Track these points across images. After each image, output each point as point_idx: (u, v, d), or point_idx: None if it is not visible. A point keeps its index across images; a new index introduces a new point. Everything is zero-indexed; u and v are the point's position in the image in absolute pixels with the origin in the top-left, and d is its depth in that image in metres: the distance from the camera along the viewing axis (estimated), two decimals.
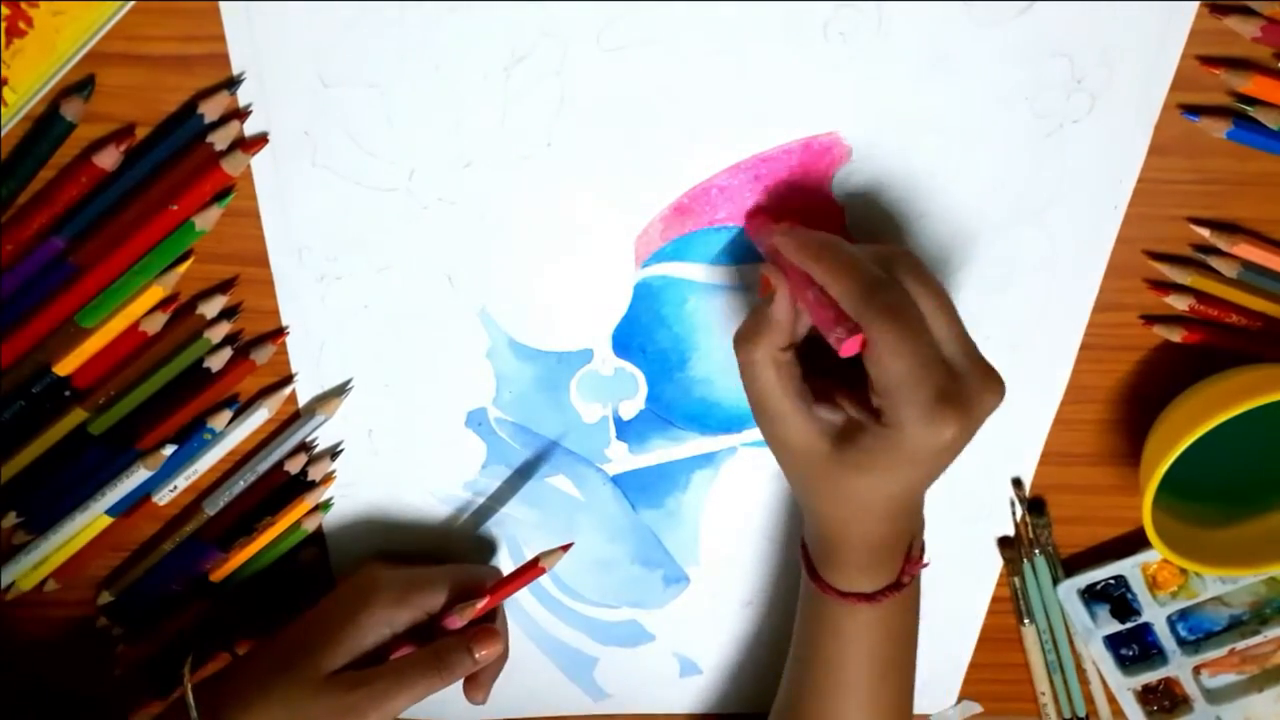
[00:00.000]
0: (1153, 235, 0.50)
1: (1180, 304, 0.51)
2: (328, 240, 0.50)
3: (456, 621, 0.54)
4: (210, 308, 0.50)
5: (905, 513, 0.47)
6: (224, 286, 0.50)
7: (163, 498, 0.55)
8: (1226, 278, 0.50)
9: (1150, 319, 0.52)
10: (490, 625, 0.55)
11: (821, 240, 0.44)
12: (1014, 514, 0.59)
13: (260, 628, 0.60)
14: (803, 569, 0.51)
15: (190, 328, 0.50)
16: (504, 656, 0.56)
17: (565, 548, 0.54)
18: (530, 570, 0.54)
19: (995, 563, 0.61)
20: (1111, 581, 0.61)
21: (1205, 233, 0.50)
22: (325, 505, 0.57)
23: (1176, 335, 0.52)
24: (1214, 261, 0.50)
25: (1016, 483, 0.58)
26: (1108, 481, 0.58)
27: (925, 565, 0.50)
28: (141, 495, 0.54)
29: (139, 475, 0.53)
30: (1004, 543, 0.60)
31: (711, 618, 0.63)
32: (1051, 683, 0.64)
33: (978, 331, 0.52)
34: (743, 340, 0.45)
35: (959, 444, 0.43)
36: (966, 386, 0.42)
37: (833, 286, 0.42)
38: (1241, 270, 0.50)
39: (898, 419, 0.42)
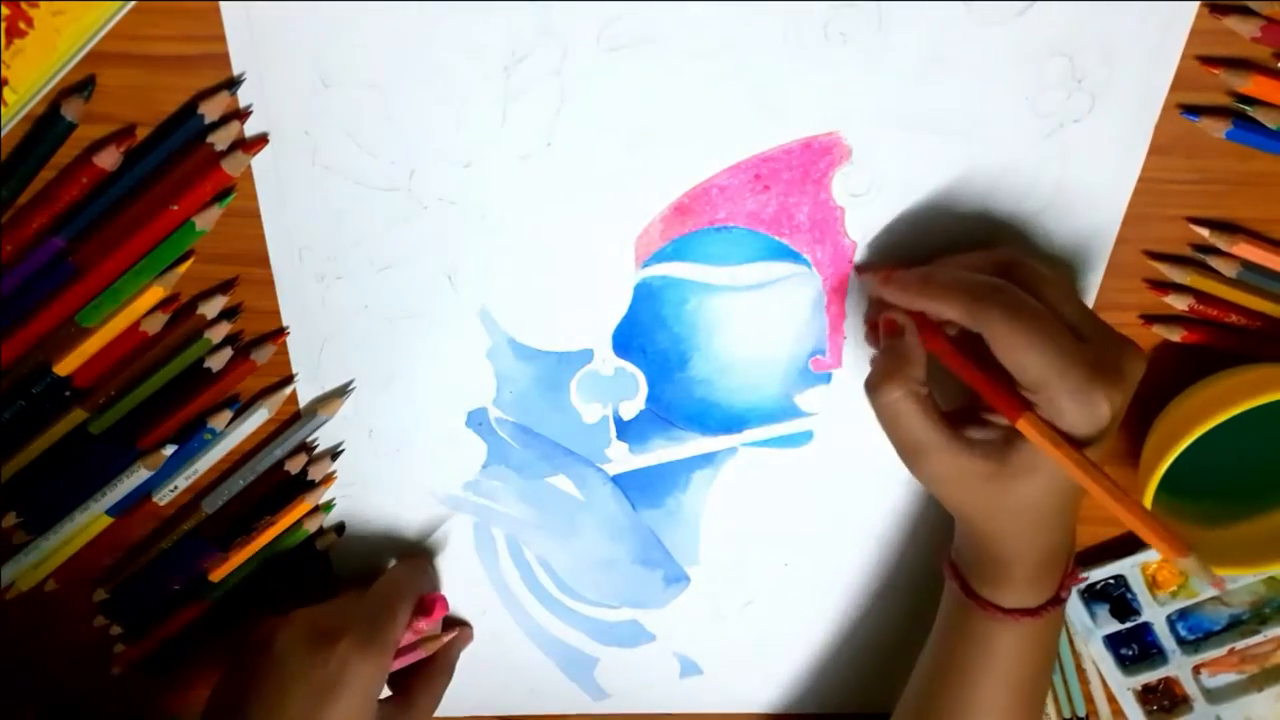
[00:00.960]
0: (1152, 235, 0.50)
1: (1180, 304, 0.51)
2: (328, 240, 0.50)
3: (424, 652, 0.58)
4: (210, 308, 0.50)
5: (1070, 516, 0.47)
6: (224, 287, 0.50)
7: (163, 498, 0.55)
8: (1226, 277, 0.50)
9: (1150, 319, 0.52)
10: (465, 629, 0.61)
11: (919, 276, 0.45)
12: None
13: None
14: (955, 590, 0.51)
15: (190, 328, 0.50)
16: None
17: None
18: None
19: None
20: (1111, 581, 0.61)
21: (1205, 232, 0.50)
22: (326, 506, 0.57)
23: (1176, 335, 0.52)
24: (1213, 261, 0.50)
25: None
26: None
27: (1084, 579, 0.49)
28: (142, 495, 0.54)
29: (139, 475, 0.53)
30: None
31: (712, 618, 0.63)
32: (1051, 682, 0.64)
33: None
34: (878, 384, 0.45)
35: (1118, 416, 0.43)
36: (1110, 359, 0.43)
37: (946, 313, 0.44)
38: (1241, 270, 0.50)
39: (1055, 408, 0.42)
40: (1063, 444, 0.42)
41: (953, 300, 0.43)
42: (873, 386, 0.46)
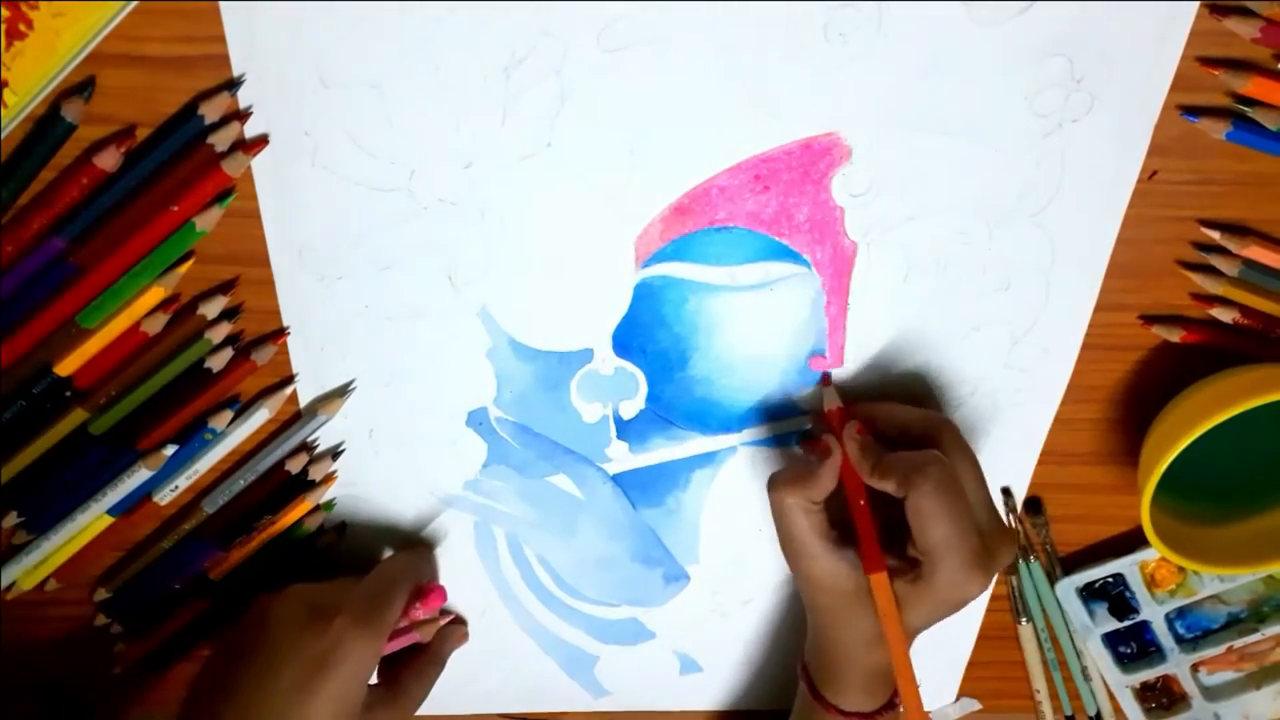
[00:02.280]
0: (1152, 236, 0.50)
1: (1226, 316, 0.51)
2: (328, 240, 0.50)
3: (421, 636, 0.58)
4: (211, 308, 0.50)
5: (910, 643, 0.51)
6: (225, 287, 0.50)
7: (164, 497, 0.55)
8: (1228, 276, 0.50)
9: (1149, 319, 0.53)
10: (459, 627, 0.62)
11: (869, 457, 0.50)
12: (1007, 521, 0.59)
13: None
14: (804, 688, 0.55)
15: (191, 328, 0.50)
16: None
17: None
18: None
19: None
20: (1110, 580, 0.61)
21: (1216, 235, 0.50)
22: (327, 505, 0.57)
23: (1175, 336, 0.52)
24: (1215, 260, 0.50)
25: (1006, 492, 0.58)
26: (1106, 480, 0.58)
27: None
28: (142, 495, 0.54)
29: (140, 475, 0.53)
30: None
31: (711, 616, 0.63)
32: (1049, 680, 0.64)
33: (978, 332, 0.53)
34: (779, 486, 0.50)
35: (980, 595, 0.49)
36: (991, 547, 0.48)
37: (884, 486, 0.49)
38: (1242, 268, 0.50)
39: (933, 574, 0.48)
40: (892, 614, 0.49)
41: (893, 477, 0.48)
42: (773, 486, 0.51)
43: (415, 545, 0.60)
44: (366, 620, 0.52)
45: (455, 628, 0.62)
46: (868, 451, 0.50)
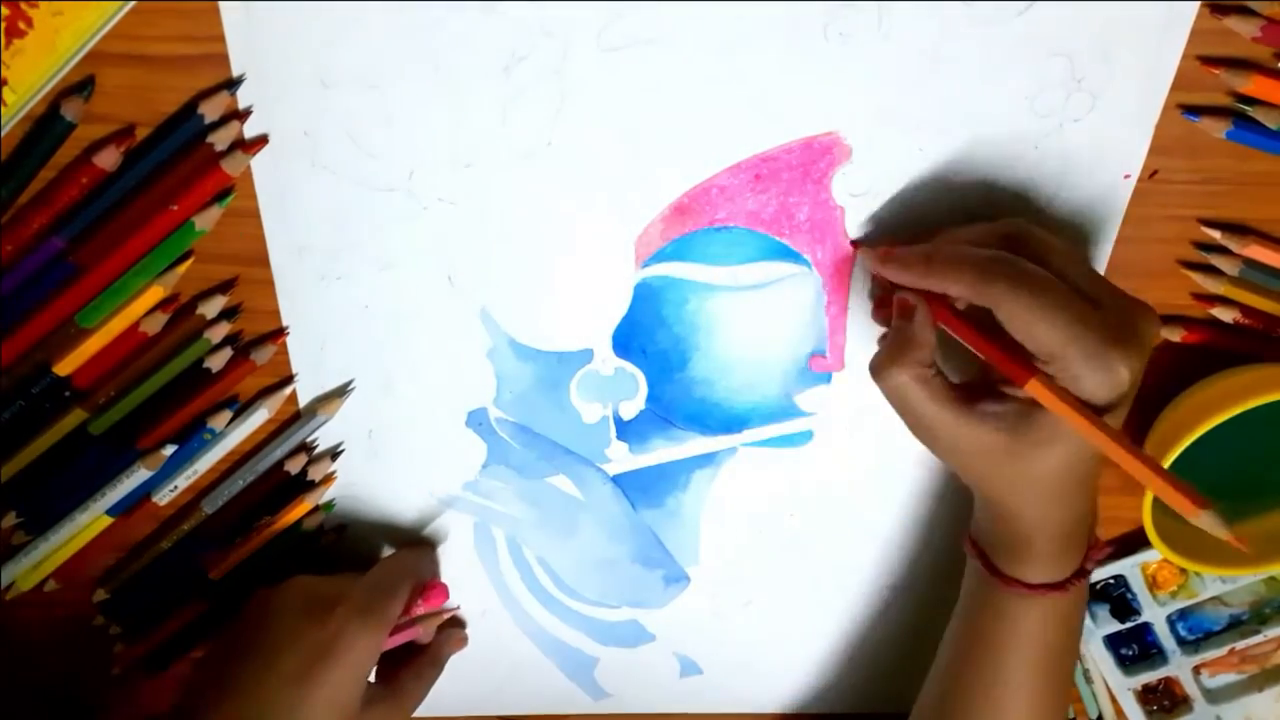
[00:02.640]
0: (1153, 235, 0.50)
1: (1227, 316, 0.51)
2: (328, 240, 0.50)
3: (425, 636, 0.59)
4: (210, 308, 0.50)
5: (1091, 487, 0.47)
6: (224, 287, 0.50)
7: (163, 498, 0.55)
8: (1229, 276, 0.50)
9: (1203, 298, 0.52)
10: (458, 630, 0.62)
11: (921, 255, 0.44)
12: None
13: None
14: (978, 567, 0.50)
15: (190, 328, 0.50)
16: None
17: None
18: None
19: None
20: (1111, 581, 0.61)
21: (1217, 234, 0.49)
22: (326, 506, 0.57)
23: (1176, 335, 0.52)
24: (1215, 260, 0.50)
25: None
26: (1108, 481, 0.58)
27: (1109, 550, 0.48)
28: (142, 495, 0.54)
29: (139, 475, 0.53)
30: None
31: (712, 618, 0.63)
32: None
33: None
34: (884, 367, 0.45)
35: (1136, 380, 0.42)
36: (1124, 323, 0.42)
37: (952, 289, 0.43)
38: (1243, 268, 0.50)
39: (1070, 376, 0.41)
40: (1074, 405, 0.41)
41: (958, 278, 0.43)
42: (876, 370, 0.45)
43: (418, 543, 0.60)
44: (368, 612, 0.52)
45: (454, 631, 0.62)
46: (913, 263, 0.44)
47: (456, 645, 0.61)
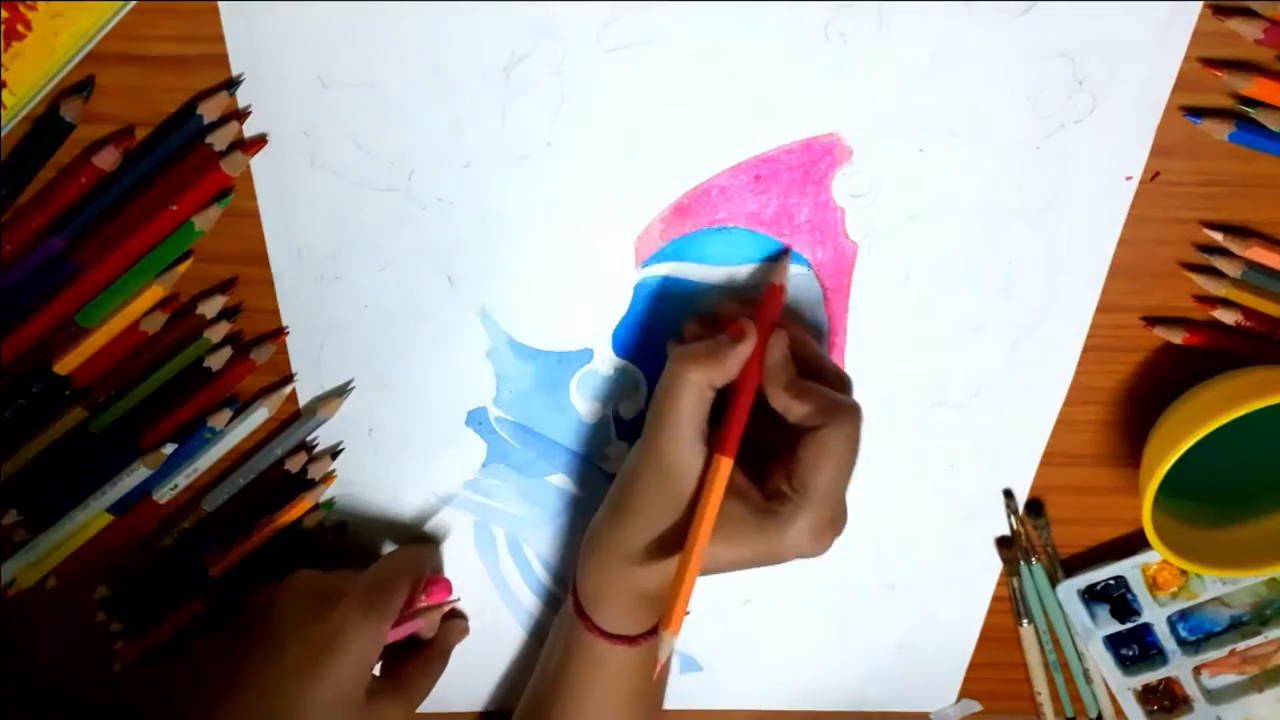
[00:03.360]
0: (1154, 237, 0.50)
1: (1229, 318, 0.51)
2: (327, 240, 0.50)
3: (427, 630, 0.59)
4: (210, 307, 0.50)
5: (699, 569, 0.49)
6: (224, 286, 0.50)
7: (163, 496, 0.55)
8: (1230, 278, 0.50)
9: (1151, 320, 0.52)
10: (459, 621, 0.62)
11: (793, 371, 0.48)
12: (1010, 522, 0.59)
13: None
14: (571, 609, 0.52)
15: (190, 327, 0.50)
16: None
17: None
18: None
19: (995, 563, 0.61)
20: (1111, 582, 0.61)
21: (1218, 236, 0.49)
22: (327, 504, 0.57)
23: (1177, 337, 0.52)
24: (1217, 262, 0.50)
25: (1008, 494, 0.58)
26: (1108, 482, 0.58)
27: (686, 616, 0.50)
28: (142, 493, 0.54)
29: (139, 474, 0.53)
30: (1002, 543, 0.60)
31: (711, 615, 0.63)
32: (1051, 682, 0.64)
33: (980, 334, 0.53)
34: (687, 360, 0.47)
35: (808, 557, 0.47)
36: (839, 521, 0.47)
37: (798, 410, 0.46)
38: (1245, 270, 0.50)
39: (795, 516, 0.46)
40: (711, 505, 0.45)
41: (811, 403, 0.46)
42: (679, 357, 0.47)
43: (420, 539, 0.60)
44: (370, 605, 0.52)
45: (456, 622, 0.62)
46: (787, 365, 0.47)
47: (459, 635, 0.62)
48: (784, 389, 0.46)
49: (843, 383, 0.49)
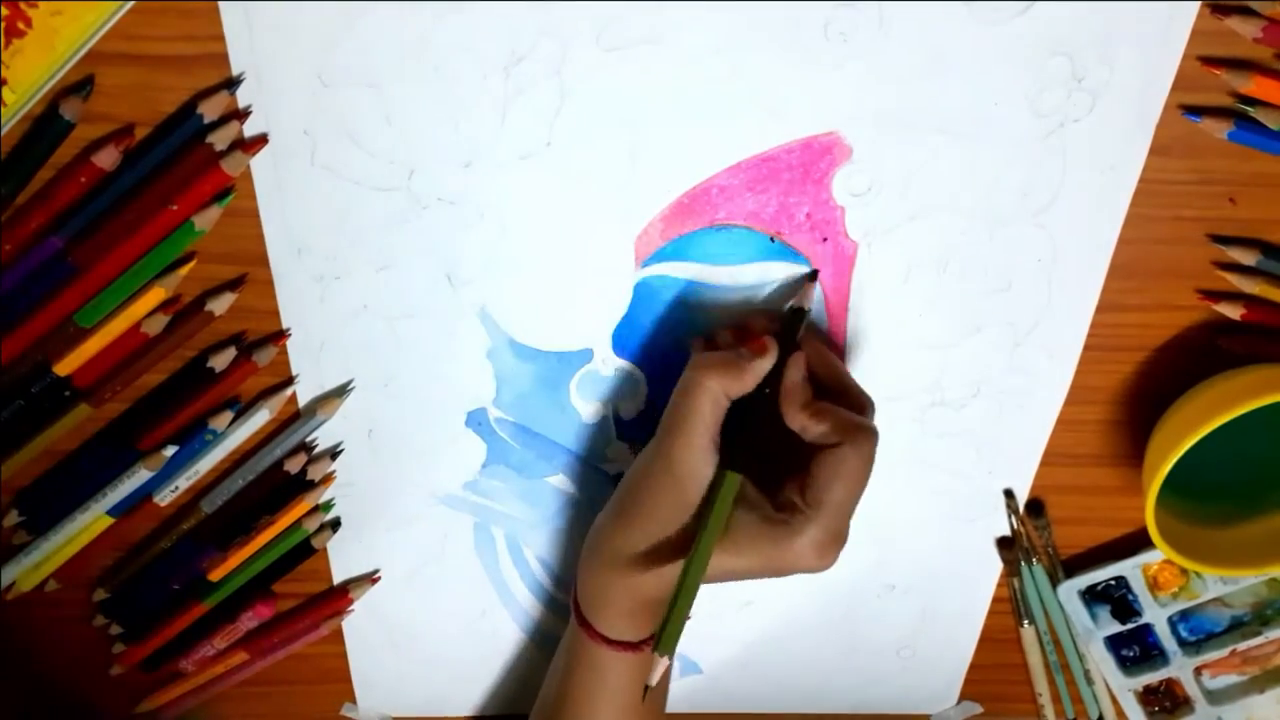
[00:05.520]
0: (1154, 236, 0.50)
1: (1234, 312, 0.51)
2: (327, 240, 0.49)
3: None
4: (219, 304, 0.50)
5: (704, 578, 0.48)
6: (234, 284, 0.50)
7: (163, 498, 0.54)
8: (1246, 266, 0.50)
9: (1209, 294, 0.52)
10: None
11: (810, 391, 0.49)
12: (1010, 523, 0.59)
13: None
14: (573, 617, 0.52)
15: (192, 327, 0.50)
16: None
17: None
18: None
19: (996, 564, 0.61)
20: (1112, 582, 0.61)
21: (1226, 250, 0.50)
22: (326, 505, 0.57)
23: (1236, 312, 0.51)
24: (1232, 251, 0.50)
25: (1008, 494, 0.58)
26: (1109, 482, 0.58)
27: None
28: (142, 495, 0.54)
29: (140, 476, 0.53)
30: (1003, 544, 0.60)
31: (711, 617, 0.63)
32: (1051, 683, 0.64)
33: (980, 333, 0.53)
34: (705, 368, 0.47)
35: (812, 572, 0.48)
36: (844, 538, 0.47)
37: (815, 429, 0.47)
38: (1260, 258, 0.49)
39: (804, 528, 0.46)
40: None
41: (829, 422, 0.46)
42: (699, 365, 0.47)
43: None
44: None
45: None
46: (805, 386, 0.48)
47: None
48: (801, 409, 0.47)
49: (863, 405, 0.49)
